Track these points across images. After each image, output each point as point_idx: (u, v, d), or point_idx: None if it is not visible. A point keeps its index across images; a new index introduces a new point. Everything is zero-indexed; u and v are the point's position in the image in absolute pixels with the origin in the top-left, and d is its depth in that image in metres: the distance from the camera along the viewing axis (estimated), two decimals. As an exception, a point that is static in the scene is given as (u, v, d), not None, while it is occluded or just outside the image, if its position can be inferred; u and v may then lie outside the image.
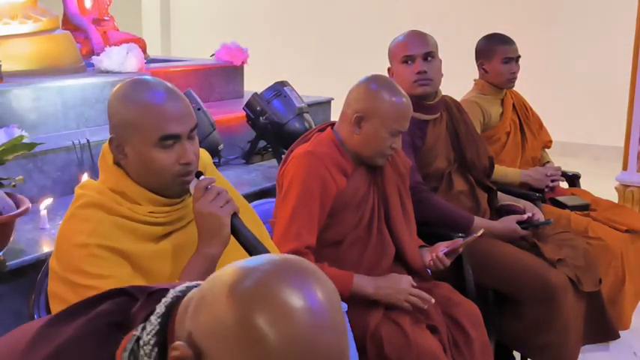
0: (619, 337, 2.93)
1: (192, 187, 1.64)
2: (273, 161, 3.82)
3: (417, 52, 2.66)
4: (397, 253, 2.36)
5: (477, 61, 3.36)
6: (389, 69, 2.76)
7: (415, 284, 2.23)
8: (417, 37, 2.70)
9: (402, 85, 2.62)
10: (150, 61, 4.54)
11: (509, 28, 4.15)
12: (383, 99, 2.23)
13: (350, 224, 2.29)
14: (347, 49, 7.45)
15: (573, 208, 3.25)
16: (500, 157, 3.24)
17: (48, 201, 2.78)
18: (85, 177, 2.93)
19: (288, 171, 2.25)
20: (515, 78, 3.33)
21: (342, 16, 7.71)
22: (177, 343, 0.91)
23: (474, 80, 3.39)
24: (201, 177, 1.64)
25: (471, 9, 7.10)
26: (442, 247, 2.38)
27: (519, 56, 3.32)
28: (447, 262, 2.35)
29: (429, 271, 2.40)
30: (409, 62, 2.67)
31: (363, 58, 4.66)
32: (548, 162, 3.49)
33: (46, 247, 2.50)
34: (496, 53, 3.27)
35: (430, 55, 2.68)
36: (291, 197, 2.20)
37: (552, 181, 3.31)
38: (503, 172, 3.22)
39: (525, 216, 2.76)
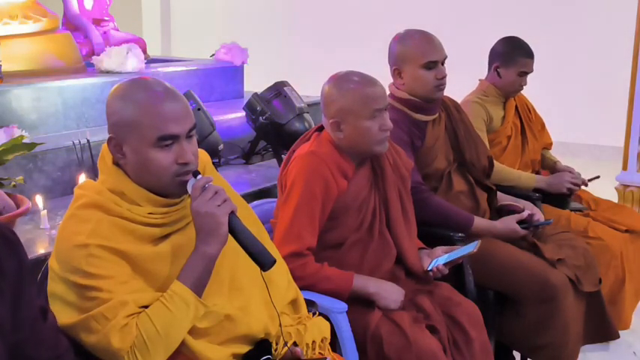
0: (619, 337, 2.93)
1: (189, 186, 1.64)
2: (273, 161, 3.82)
3: (439, 58, 2.65)
4: (397, 256, 2.35)
5: (491, 62, 3.29)
6: (395, 69, 2.70)
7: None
8: (435, 41, 2.66)
9: (422, 90, 2.65)
10: (150, 61, 4.53)
11: (508, 28, 4.15)
12: (344, 95, 2.22)
13: (351, 227, 2.29)
14: (347, 49, 7.44)
15: (572, 208, 3.25)
16: (500, 160, 3.20)
17: (48, 201, 2.78)
18: (82, 177, 2.93)
19: (290, 171, 2.25)
20: (521, 90, 3.32)
21: (343, 16, 7.70)
22: None
23: (479, 80, 3.34)
24: (199, 176, 1.64)
25: (468, 9, 7.10)
26: (440, 252, 2.38)
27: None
28: (446, 271, 2.36)
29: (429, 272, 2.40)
30: (431, 67, 2.64)
31: (364, 58, 4.65)
32: (555, 162, 3.47)
33: (46, 247, 2.50)
34: (517, 63, 3.20)
35: (445, 59, 2.69)
36: (293, 197, 2.20)
37: (573, 184, 3.25)
38: (517, 175, 3.20)
39: (525, 214, 2.75)
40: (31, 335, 1.33)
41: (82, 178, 2.93)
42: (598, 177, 3.34)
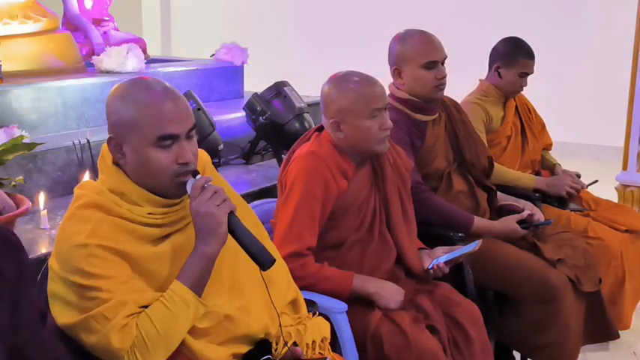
0: (619, 337, 2.93)
1: (189, 186, 1.64)
2: (273, 161, 3.82)
3: (439, 58, 2.65)
4: (397, 256, 2.35)
5: (492, 62, 3.28)
6: (395, 69, 2.70)
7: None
8: (435, 41, 2.67)
9: (422, 90, 2.66)
10: (150, 61, 4.53)
11: (508, 28, 4.15)
12: (344, 95, 2.23)
13: (351, 227, 2.29)
14: (347, 49, 7.44)
15: (572, 209, 3.25)
16: (500, 160, 3.20)
17: (48, 201, 2.78)
18: (86, 176, 2.93)
19: (290, 171, 2.25)
20: (521, 91, 3.32)
21: (343, 16, 7.70)
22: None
23: (479, 80, 3.34)
24: (198, 176, 1.64)
25: (468, 9, 7.10)
26: (441, 252, 2.38)
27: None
28: (447, 270, 2.36)
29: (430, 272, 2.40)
30: (431, 67, 2.64)
31: (364, 58, 4.65)
32: (555, 164, 3.47)
33: (46, 247, 2.50)
34: (518, 64, 3.20)
35: (445, 59, 2.68)
36: (293, 197, 2.20)
37: (573, 188, 3.25)
38: (516, 175, 3.19)
39: (525, 214, 2.76)
40: (30, 338, 1.33)
41: (86, 177, 2.93)
42: (596, 181, 3.36)
